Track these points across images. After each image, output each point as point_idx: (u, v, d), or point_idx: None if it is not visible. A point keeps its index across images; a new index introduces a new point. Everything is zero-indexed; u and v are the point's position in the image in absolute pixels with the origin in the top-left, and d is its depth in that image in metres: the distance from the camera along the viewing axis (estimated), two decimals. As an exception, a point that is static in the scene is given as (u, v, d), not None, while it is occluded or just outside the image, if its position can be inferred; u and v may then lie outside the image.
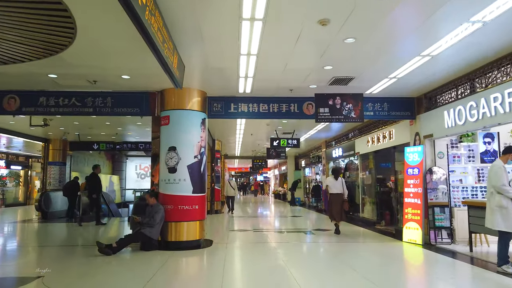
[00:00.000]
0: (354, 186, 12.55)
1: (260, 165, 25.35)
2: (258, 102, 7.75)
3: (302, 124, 11.94)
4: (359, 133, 11.67)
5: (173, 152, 6.94)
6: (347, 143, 12.84)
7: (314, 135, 14.13)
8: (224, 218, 13.01)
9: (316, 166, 18.51)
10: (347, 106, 6.87)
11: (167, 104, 7.13)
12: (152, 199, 6.87)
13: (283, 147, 17.16)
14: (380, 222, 10.40)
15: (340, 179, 8.84)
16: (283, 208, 18.79)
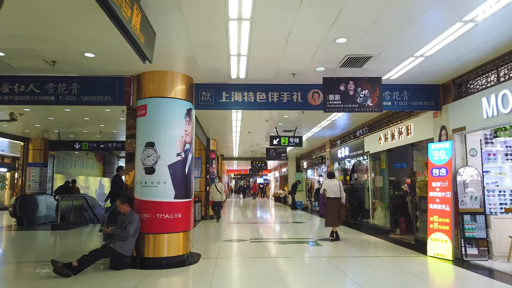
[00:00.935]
0: (362, 189, 11.32)
1: (260, 166, 24.11)
2: (255, 90, 6.53)
3: (304, 121, 10.72)
4: (369, 130, 10.44)
5: (151, 149, 5.71)
6: (355, 142, 11.61)
7: (317, 133, 12.89)
8: (218, 225, 11.76)
9: (319, 167, 17.28)
10: (362, 92, 5.64)
11: (145, 91, 5.91)
12: (124, 206, 5.64)
13: (284, 147, 15.93)
14: (395, 231, 9.15)
15: (337, 182, 8.56)
16: (284, 212, 17.53)
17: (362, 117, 10.18)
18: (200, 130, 12.02)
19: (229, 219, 13.81)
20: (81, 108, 8.68)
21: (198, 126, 11.42)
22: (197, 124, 11.07)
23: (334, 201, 8.46)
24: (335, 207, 8.42)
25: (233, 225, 11.69)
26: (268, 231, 10.66)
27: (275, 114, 9.67)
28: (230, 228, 11.02)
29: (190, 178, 6.05)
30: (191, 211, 6.07)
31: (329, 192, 8.50)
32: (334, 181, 8.72)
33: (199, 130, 11.87)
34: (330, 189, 8.50)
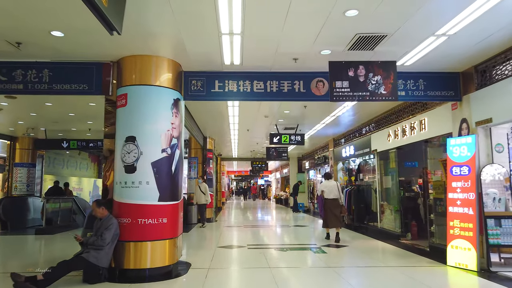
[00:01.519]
0: (369, 191, 10.56)
1: (260, 167, 23.37)
2: (251, 78, 5.80)
3: (307, 117, 9.99)
4: (377, 126, 9.69)
5: (132, 144, 4.98)
6: (361, 140, 10.86)
7: (320, 131, 12.15)
8: (215, 229, 11.02)
9: (322, 167, 16.52)
10: (374, 78, 4.90)
11: (126, 79, 5.18)
12: (100, 209, 4.90)
13: (285, 146, 15.21)
14: (406, 235, 8.39)
15: (335, 183, 8.45)
16: (285, 214, 16.78)
17: (369, 112, 9.44)
18: (196, 128, 11.30)
19: (228, 222, 13.06)
20: (63, 103, 7.97)
21: (194, 124, 10.71)
22: (193, 121, 10.36)
23: (332, 202, 8.30)
24: (334, 208, 8.26)
25: (231, 229, 10.95)
26: (267, 235, 9.91)
27: (275, 109, 8.94)
28: (227, 232, 10.28)
29: (178, 178, 5.31)
30: (178, 215, 5.33)
31: (327, 193, 8.36)
32: (332, 182, 8.53)
33: (195, 128, 11.15)
34: (328, 190, 8.37)
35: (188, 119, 9.23)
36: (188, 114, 9.24)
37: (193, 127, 10.28)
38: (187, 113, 9.07)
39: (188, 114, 9.26)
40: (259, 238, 9.18)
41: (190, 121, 9.59)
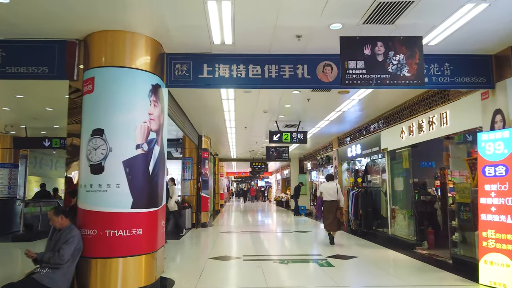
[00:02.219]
0: (378, 193, 9.64)
1: (260, 168, 22.49)
2: (246, 62, 4.89)
3: (310, 112, 9.08)
4: (387, 123, 8.78)
5: (99, 138, 4.08)
6: (368, 138, 9.95)
7: (324, 128, 11.25)
8: (209, 235, 10.11)
9: (325, 168, 15.61)
10: (396, 57, 3.99)
11: (93, 60, 4.28)
12: (59, 218, 3.99)
13: (286, 145, 14.31)
14: (422, 244, 7.47)
15: (334, 185, 8.32)
16: (286, 218, 15.86)
17: (378, 108, 8.54)
18: (189, 125, 10.40)
19: (224, 227, 12.15)
20: (35, 94, 7.09)
21: (186, 120, 9.81)
22: (185, 118, 9.47)
23: (331, 205, 8.16)
24: (332, 210, 8.10)
25: (227, 235, 10.03)
26: (267, 243, 8.99)
27: (274, 103, 8.04)
28: (222, 239, 9.36)
29: (157, 180, 4.41)
30: (158, 224, 4.42)
31: (326, 195, 8.24)
32: (332, 184, 8.39)
33: (188, 125, 10.25)
34: (326, 192, 8.25)
35: (180, 115, 8.34)
36: (179, 110, 8.35)
37: (185, 124, 9.39)
38: (178, 109, 8.19)
39: (180, 110, 8.37)
40: (257, 246, 8.26)
41: (182, 118, 8.70)
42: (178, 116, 8.03)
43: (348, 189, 11.12)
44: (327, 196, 8.22)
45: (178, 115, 8.02)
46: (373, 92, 7.05)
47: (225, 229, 11.70)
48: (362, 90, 6.90)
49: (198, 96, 7.40)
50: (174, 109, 7.44)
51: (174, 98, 7.44)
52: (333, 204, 8.13)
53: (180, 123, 8.50)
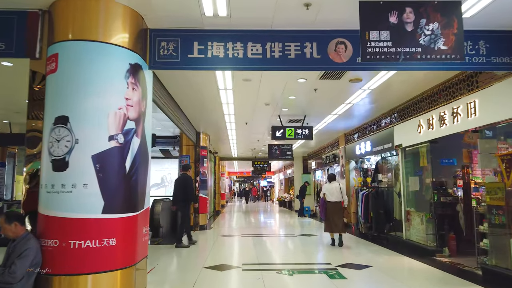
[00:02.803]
0: (390, 194, 8.86)
1: (262, 168, 21.71)
2: (244, 39, 4.13)
3: (316, 105, 8.32)
4: (402, 116, 8.00)
5: (63, 127, 3.33)
6: (380, 134, 9.17)
7: (331, 124, 10.47)
8: (207, 240, 9.36)
9: (331, 167, 14.82)
10: (429, 26, 3.21)
11: (58, 32, 3.53)
12: (12, 226, 3.24)
13: (289, 143, 13.56)
14: (442, 251, 6.69)
15: (337, 185, 8.17)
16: (289, 219, 15.09)
17: (391, 100, 7.77)
18: (185, 121, 9.66)
19: (224, 230, 11.39)
20: (3, 82, 6.37)
21: (182, 115, 9.08)
22: (180, 113, 8.73)
23: (334, 206, 7.99)
24: (336, 211, 7.94)
25: (226, 239, 9.27)
26: (269, 249, 8.22)
27: (277, 94, 7.27)
28: (221, 243, 8.60)
29: (137, 179, 3.65)
30: (137, 232, 3.66)
31: (329, 196, 8.05)
32: (334, 184, 8.20)
33: (185, 121, 9.52)
34: (329, 193, 8.07)
35: (173, 108, 7.60)
36: (172, 102, 7.62)
37: (180, 118, 8.65)
38: (171, 100, 7.45)
39: (173, 102, 7.64)
40: (259, 252, 7.49)
41: (176, 111, 7.96)
42: (170, 109, 7.28)
43: (357, 189, 10.34)
44: (330, 197, 8.02)
45: (170, 108, 7.28)
46: (387, 82, 6.30)
47: (225, 232, 10.94)
48: (376, 78, 6.14)
49: (193, 86, 6.66)
50: (165, 100, 6.69)
51: (166, 88, 6.70)
52: (337, 205, 7.93)
53: (174, 117, 7.75)
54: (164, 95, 6.94)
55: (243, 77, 6.09)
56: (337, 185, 8.16)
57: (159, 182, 19.86)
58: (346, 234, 9.56)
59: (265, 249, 8.07)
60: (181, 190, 8.22)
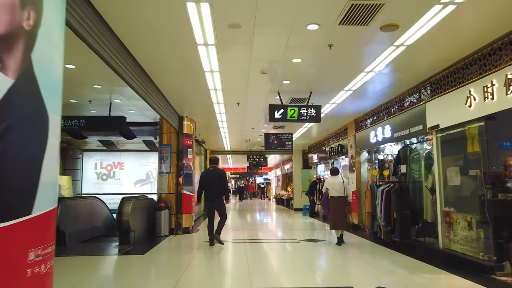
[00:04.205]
0: (419, 190, 7.06)
1: (258, 162, 19.86)
2: None
3: (327, 76, 6.50)
4: (437, 89, 6.20)
5: None
6: (404, 116, 7.36)
7: (340, 106, 8.66)
8: (187, 248, 7.51)
9: (336, 160, 13.01)
10: None
11: None
12: None
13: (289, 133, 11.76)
14: (503, 267, 4.90)
15: (340, 180, 7.65)
16: (288, 219, 13.26)
17: (422, 69, 5.97)
18: (164, 102, 7.84)
19: (211, 234, 9.54)
20: None
21: (160, 96, 7.24)
22: (159, 93, 6.90)
23: (337, 201, 7.54)
24: (340, 207, 7.49)
25: (212, 247, 7.42)
26: (265, 264, 6.38)
27: (277, 55, 5.40)
28: (203, 254, 6.75)
29: (7, 154, 1.78)
30: (16, 255, 1.79)
31: (332, 191, 7.60)
32: (338, 178, 7.73)
33: (163, 101, 7.68)
34: (332, 188, 7.61)
35: (139, 78, 5.75)
36: (145, 76, 5.77)
37: (153, 95, 6.79)
38: (143, 73, 5.60)
39: (146, 77, 5.79)
40: (253, 269, 5.64)
41: (144, 82, 6.09)
42: (138, 80, 5.44)
43: (371, 185, 8.53)
44: (334, 192, 7.53)
45: (138, 79, 5.44)
46: (430, 35, 4.49)
47: (213, 236, 9.09)
48: (418, 24, 4.30)
49: (163, 49, 4.80)
50: (130, 69, 4.84)
51: (132, 54, 4.85)
52: (341, 200, 7.47)
53: (142, 91, 5.91)
54: (129, 63, 5.12)
55: (228, 21, 4.22)
56: (340, 179, 7.64)
57: (144, 178, 17.98)
58: (360, 240, 7.80)
59: (262, 265, 6.23)
60: (217, 185, 7.46)
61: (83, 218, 8.52)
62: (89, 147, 17.37)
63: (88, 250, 7.07)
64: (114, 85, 6.85)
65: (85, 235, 8.41)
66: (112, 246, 7.66)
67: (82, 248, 7.35)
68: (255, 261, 6.08)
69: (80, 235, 8.23)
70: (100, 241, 8.34)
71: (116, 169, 18.15)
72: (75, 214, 8.21)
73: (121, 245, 7.60)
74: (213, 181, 7.46)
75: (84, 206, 8.79)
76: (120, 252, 6.93)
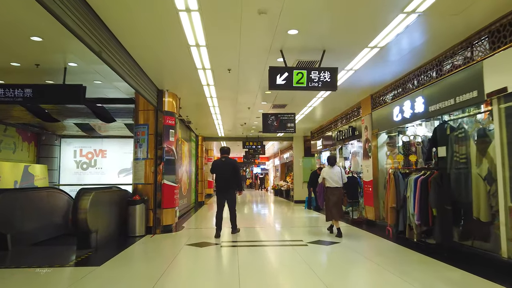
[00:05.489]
0: (467, 179, 5.35)
1: (255, 150, 18.11)
2: None
3: (343, 34, 4.73)
4: (500, 41, 4.46)
5: None
6: (445, 83, 5.65)
7: (354, 77, 6.94)
8: (163, 253, 5.80)
9: (345, 145, 11.32)
10: None
11: None
12: None
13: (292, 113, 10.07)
14: None
15: (338, 170, 7.29)
16: (290, 213, 11.59)
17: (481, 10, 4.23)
18: (139, 71, 6.06)
19: (199, 232, 7.81)
20: None
21: (129, 58, 5.49)
22: (125, 53, 5.15)
23: (335, 191, 7.15)
24: (337, 198, 7.12)
25: (194, 252, 5.73)
26: (265, 278, 4.68)
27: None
28: (180, 264, 5.05)
29: None
30: None
31: (329, 181, 7.19)
32: (336, 168, 7.31)
33: (137, 70, 5.94)
34: (330, 178, 7.19)
35: (115, 48, 3.99)
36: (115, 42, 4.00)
37: (128, 65, 5.05)
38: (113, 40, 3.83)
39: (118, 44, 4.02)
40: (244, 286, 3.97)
41: (118, 51, 4.33)
42: (89, 32, 3.67)
43: (395, 173, 6.84)
44: (331, 183, 7.22)
45: (89, 30, 3.66)
46: None
47: (199, 236, 7.40)
48: None
49: None
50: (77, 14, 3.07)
51: None
52: (338, 191, 7.20)
53: (98, 46, 4.14)
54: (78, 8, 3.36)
55: None
56: (338, 169, 7.31)
57: (128, 167, 16.12)
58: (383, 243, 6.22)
59: (256, 273, 4.54)
60: (230, 176, 7.35)
61: (36, 215, 6.80)
62: (67, 132, 15.55)
63: (30, 259, 5.35)
64: (61, 40, 5.05)
65: (38, 236, 6.71)
66: (69, 251, 5.94)
67: (26, 255, 5.65)
68: (251, 276, 4.39)
69: (31, 236, 6.53)
70: (56, 244, 6.63)
71: (98, 157, 16.38)
72: (22, 210, 6.48)
73: (78, 250, 5.89)
74: (225, 173, 7.34)
75: (37, 200, 7.04)
76: (70, 262, 5.23)
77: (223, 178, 7.36)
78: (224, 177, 7.35)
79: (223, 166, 7.42)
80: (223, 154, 7.69)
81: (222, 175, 7.37)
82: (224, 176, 7.34)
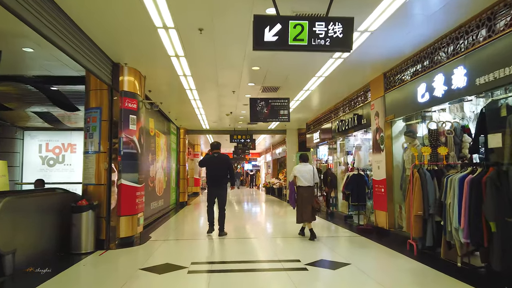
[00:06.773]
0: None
1: (244, 144, 16.35)
2: None
3: None
4: None
5: None
6: (499, 44, 3.99)
7: (366, 46, 5.26)
8: (126, 273, 4.08)
9: (347, 137, 9.67)
10: None
11: None
12: None
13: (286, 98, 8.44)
14: None
15: (310, 167, 6.84)
16: (284, 218, 9.89)
17: None
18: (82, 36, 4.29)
19: (166, 248, 6.03)
20: None
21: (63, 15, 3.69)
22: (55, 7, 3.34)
23: (306, 191, 6.68)
24: (308, 197, 6.64)
25: (149, 279, 4.00)
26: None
27: None
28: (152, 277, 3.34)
29: None
30: None
31: (301, 180, 6.70)
32: (307, 166, 6.85)
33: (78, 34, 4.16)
34: (302, 176, 6.71)
35: None
36: None
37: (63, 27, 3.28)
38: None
39: None
40: None
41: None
42: None
43: (419, 169, 5.19)
44: (303, 182, 6.66)
45: None
46: None
47: (166, 252, 5.67)
48: None
49: None
50: None
51: None
52: (310, 190, 6.68)
53: None
54: None
55: None
56: (310, 167, 6.86)
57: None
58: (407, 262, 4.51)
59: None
60: (222, 172, 7.13)
61: None
62: (31, 124, 13.64)
63: None
64: None
65: None
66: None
67: None
68: None
69: None
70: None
71: (66, 152, 14.47)
72: None
73: (-16, 279, 4.13)
74: (217, 169, 7.14)
75: None
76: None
77: (215, 175, 7.12)
78: (216, 173, 7.11)
79: (216, 163, 7.16)
80: (214, 150, 7.31)
81: (215, 172, 7.12)
82: (217, 172, 7.11)
